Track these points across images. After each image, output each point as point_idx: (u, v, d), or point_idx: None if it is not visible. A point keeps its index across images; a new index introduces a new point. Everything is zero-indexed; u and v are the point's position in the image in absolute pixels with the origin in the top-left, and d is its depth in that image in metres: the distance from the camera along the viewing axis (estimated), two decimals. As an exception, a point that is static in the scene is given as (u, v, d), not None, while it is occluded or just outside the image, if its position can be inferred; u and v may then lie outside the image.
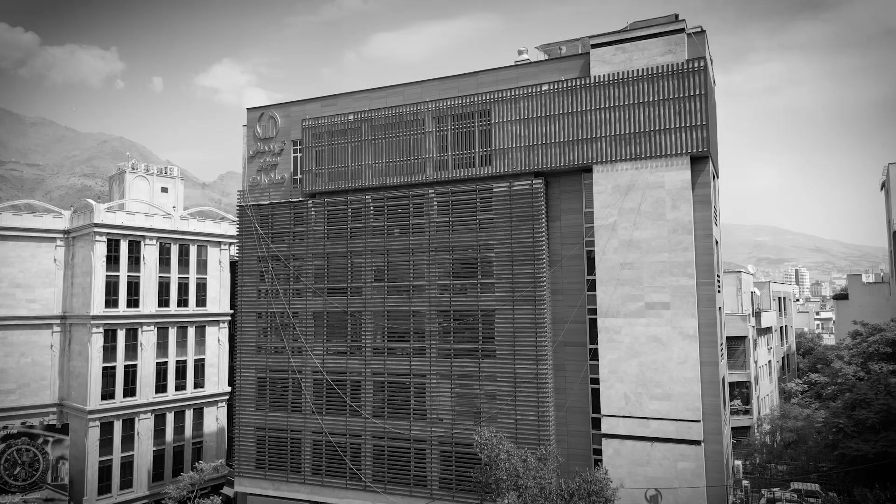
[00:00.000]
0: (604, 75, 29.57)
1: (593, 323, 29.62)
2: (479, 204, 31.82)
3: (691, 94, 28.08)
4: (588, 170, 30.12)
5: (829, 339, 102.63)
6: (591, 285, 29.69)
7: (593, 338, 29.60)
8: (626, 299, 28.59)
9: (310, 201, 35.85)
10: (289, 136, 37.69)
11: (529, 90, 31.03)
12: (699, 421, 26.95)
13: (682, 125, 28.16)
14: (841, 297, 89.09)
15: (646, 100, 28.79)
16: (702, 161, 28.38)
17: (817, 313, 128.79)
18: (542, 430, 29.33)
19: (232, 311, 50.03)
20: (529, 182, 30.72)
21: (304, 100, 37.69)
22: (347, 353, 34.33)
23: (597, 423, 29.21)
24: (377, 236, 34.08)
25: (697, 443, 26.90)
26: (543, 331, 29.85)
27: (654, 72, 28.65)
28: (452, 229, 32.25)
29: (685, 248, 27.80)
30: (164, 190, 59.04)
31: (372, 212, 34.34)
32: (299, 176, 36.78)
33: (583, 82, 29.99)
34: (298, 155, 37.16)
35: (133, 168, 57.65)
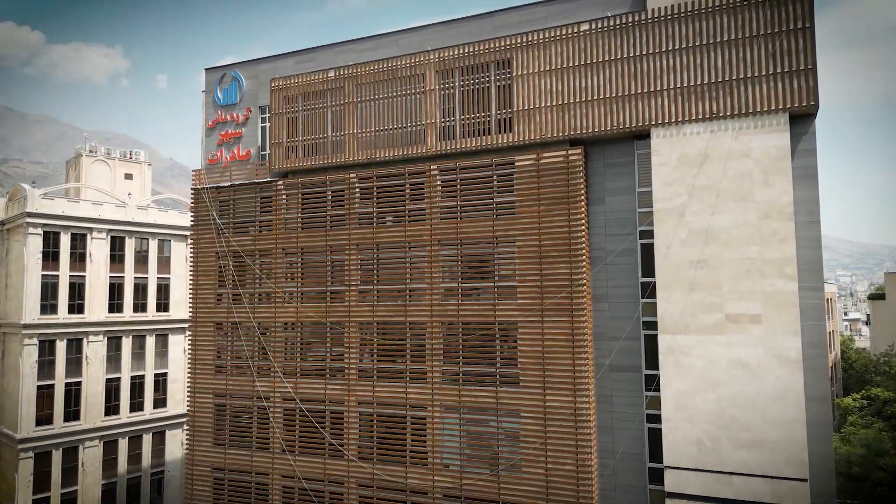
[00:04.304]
0: (666, 8, 21.98)
1: (652, 341, 22.08)
2: (496, 183, 24.29)
3: (791, 27, 20.46)
4: (644, 135, 22.56)
5: (860, 343, 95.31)
6: (650, 290, 22.13)
7: (652, 361, 22.05)
8: (698, 309, 21.02)
9: (280, 182, 28.35)
10: (256, 101, 30.16)
11: (564, 32, 23.45)
12: (805, 480, 19.39)
13: (778, 70, 20.54)
14: (877, 297, 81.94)
15: (726, 38, 21.19)
16: (805, 120, 20.78)
17: (845, 314, 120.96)
18: (583, 485, 21.81)
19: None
20: (564, 152, 23.16)
21: (275, 56, 30.16)
22: (326, 375, 26.82)
23: (657, 476, 21.68)
24: (364, 226, 26.58)
25: (804, 510, 19.36)
26: (583, 350, 22.33)
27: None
28: (461, 216, 24.74)
29: (782, 239, 20.22)
30: (129, 177, 51.65)
31: (358, 194, 26.84)
32: (268, 151, 29.26)
33: (637, 18, 22.40)
34: (267, 124, 29.64)
35: (91, 151, 50.16)
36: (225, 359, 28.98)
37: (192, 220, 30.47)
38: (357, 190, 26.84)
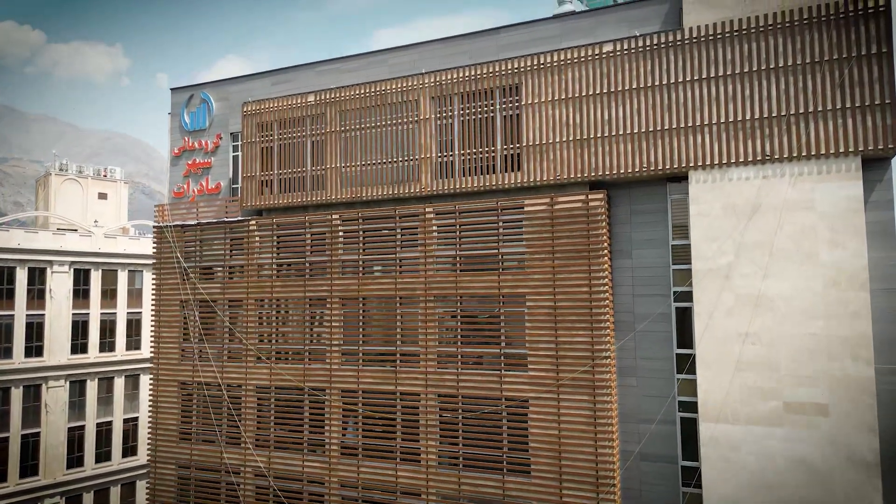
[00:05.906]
0: (707, 27, 18.29)
1: (691, 425, 18.40)
2: (501, 230, 20.60)
3: (863, 52, 16.78)
4: (680, 178, 18.87)
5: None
6: (689, 365, 18.43)
7: (691, 450, 18.36)
8: (749, 394, 17.32)
9: (252, 221, 24.66)
10: (227, 126, 26.49)
11: (582, 53, 19.75)
12: None
13: (848, 105, 16.86)
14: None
15: (782, 64, 17.50)
16: (879, 165, 17.10)
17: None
18: None
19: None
20: (583, 197, 19.47)
21: (249, 75, 26.51)
22: (304, 450, 23.11)
23: (697, 591, 17.99)
24: (349, 275, 22.89)
25: None
26: (607, 435, 18.63)
27: (797, 18, 17.37)
28: (461, 268, 21.04)
29: (855, 312, 16.51)
30: (103, 196, 47.91)
31: (341, 238, 23.16)
32: (240, 184, 25.57)
33: (671, 39, 18.70)
34: (239, 154, 25.93)
35: (61, 169, 46.45)
36: (189, 425, 25.26)
37: (154, 263, 26.77)
38: (340, 233, 23.15)
